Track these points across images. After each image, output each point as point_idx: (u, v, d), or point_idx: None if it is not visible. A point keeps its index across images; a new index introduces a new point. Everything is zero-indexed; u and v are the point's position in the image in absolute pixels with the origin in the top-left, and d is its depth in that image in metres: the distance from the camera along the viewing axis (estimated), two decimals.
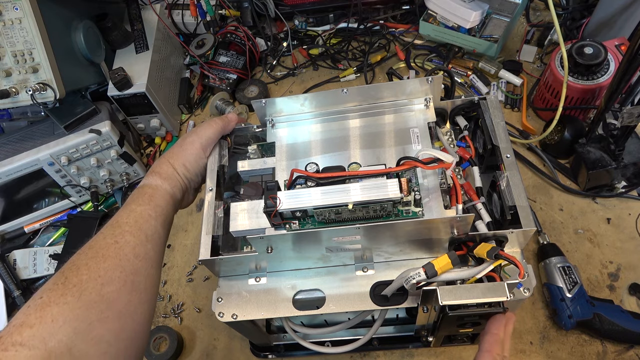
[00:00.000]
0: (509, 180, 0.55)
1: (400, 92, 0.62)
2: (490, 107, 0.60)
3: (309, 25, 1.13)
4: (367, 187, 0.51)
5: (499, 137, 0.58)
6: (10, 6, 0.75)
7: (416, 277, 0.49)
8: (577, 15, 0.97)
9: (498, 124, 0.59)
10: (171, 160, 0.58)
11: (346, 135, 0.62)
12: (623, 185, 0.81)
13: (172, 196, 0.56)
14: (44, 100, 0.78)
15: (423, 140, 0.59)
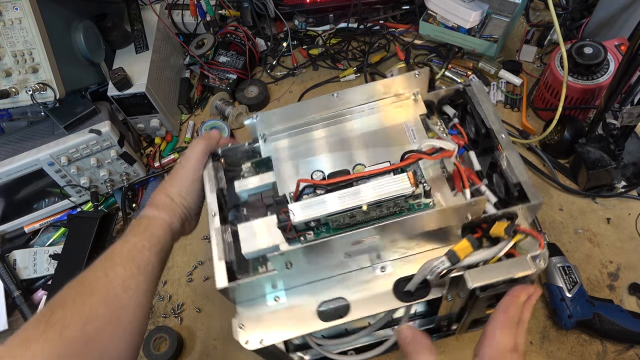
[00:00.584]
0: (509, 159, 0.55)
1: (389, 89, 0.63)
2: (477, 92, 0.61)
3: (308, 25, 1.13)
4: (378, 186, 0.52)
5: (490, 119, 0.58)
6: (10, 6, 0.75)
7: (440, 265, 0.48)
8: (577, 15, 0.97)
9: (487, 107, 0.59)
10: (166, 190, 0.57)
11: (343, 139, 0.62)
12: (623, 185, 0.81)
13: (170, 225, 0.55)
14: (44, 100, 0.78)
15: (418, 134, 0.60)
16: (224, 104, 1.01)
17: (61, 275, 0.82)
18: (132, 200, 0.94)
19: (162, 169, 0.96)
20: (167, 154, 0.99)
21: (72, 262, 0.82)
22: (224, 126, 0.98)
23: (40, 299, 0.85)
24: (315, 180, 0.55)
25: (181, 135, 1.03)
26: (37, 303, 0.85)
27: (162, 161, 0.98)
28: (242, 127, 1.01)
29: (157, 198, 0.57)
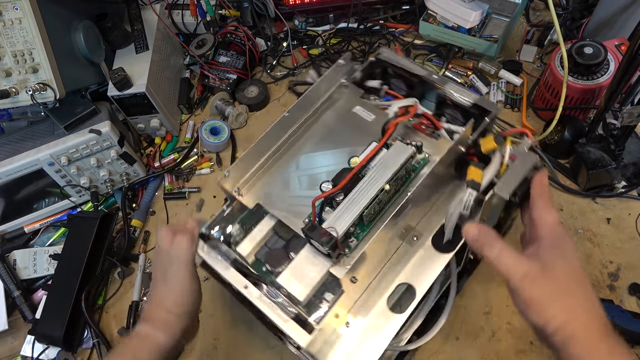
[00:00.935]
0: (452, 90, 0.61)
1: (324, 88, 0.65)
2: (389, 55, 0.65)
3: (309, 25, 1.13)
4: (384, 164, 0.54)
5: (415, 69, 0.63)
6: (10, 6, 0.75)
7: (470, 198, 0.50)
8: (577, 15, 0.97)
9: (405, 62, 0.64)
10: (161, 301, 0.53)
11: (318, 146, 0.62)
12: (623, 185, 0.81)
13: (163, 346, 0.51)
14: (44, 100, 0.78)
15: (372, 111, 0.63)
16: (224, 104, 1.01)
17: (61, 275, 0.82)
18: (132, 200, 0.94)
19: (162, 169, 0.96)
20: (167, 154, 0.99)
21: (72, 262, 0.82)
22: (225, 127, 0.98)
23: (40, 299, 0.85)
24: (328, 191, 0.54)
25: (181, 135, 1.03)
26: (37, 303, 0.85)
27: (162, 161, 0.98)
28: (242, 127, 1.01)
29: (153, 312, 0.53)
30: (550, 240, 0.46)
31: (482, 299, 0.75)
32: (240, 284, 0.53)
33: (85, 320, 0.80)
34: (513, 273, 0.43)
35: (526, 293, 0.42)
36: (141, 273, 0.85)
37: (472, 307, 0.74)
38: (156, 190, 0.96)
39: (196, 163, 0.98)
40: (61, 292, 0.81)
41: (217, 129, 0.98)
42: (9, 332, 0.83)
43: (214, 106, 1.01)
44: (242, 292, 0.52)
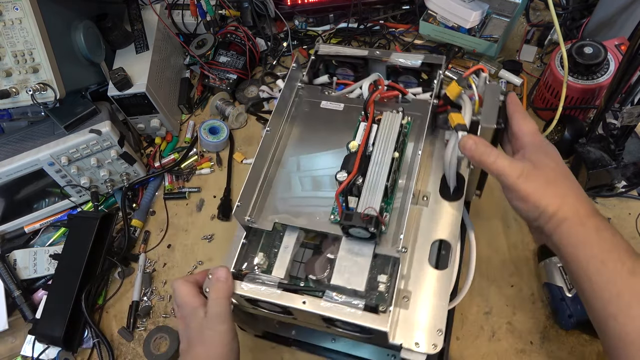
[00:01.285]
0: (397, 58, 0.65)
1: (287, 95, 0.67)
2: (322, 47, 0.67)
3: (309, 25, 1.13)
4: (385, 135, 0.57)
5: (356, 53, 0.65)
6: (10, 6, 0.75)
7: (460, 138, 0.53)
8: (577, 15, 0.97)
9: (340, 49, 0.66)
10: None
11: (308, 149, 0.63)
12: (623, 185, 0.81)
13: None
14: (44, 100, 0.78)
15: (338, 101, 0.66)
16: (224, 104, 1.01)
17: (61, 275, 0.82)
18: (132, 200, 0.94)
19: (162, 168, 0.96)
20: (167, 154, 0.99)
21: (72, 262, 0.82)
22: (224, 126, 0.98)
23: (40, 299, 0.85)
24: (345, 180, 0.54)
25: (181, 135, 1.03)
26: (37, 303, 0.85)
27: (162, 161, 0.98)
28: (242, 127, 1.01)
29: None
30: (533, 145, 0.52)
31: (482, 299, 0.75)
32: (298, 302, 0.50)
33: (86, 320, 0.80)
34: (509, 172, 0.49)
35: (522, 188, 0.48)
36: (141, 273, 0.85)
37: (472, 307, 0.74)
38: (156, 190, 0.96)
39: (196, 163, 0.98)
40: (61, 292, 0.81)
41: (216, 128, 0.98)
42: (9, 332, 0.84)
43: (214, 106, 1.01)
44: (305, 309, 0.49)
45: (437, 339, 0.50)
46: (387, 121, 0.59)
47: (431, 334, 0.51)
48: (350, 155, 0.57)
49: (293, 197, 0.59)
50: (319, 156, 0.62)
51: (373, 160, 0.55)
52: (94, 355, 0.80)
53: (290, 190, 0.60)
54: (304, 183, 0.60)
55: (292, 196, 0.59)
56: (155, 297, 0.84)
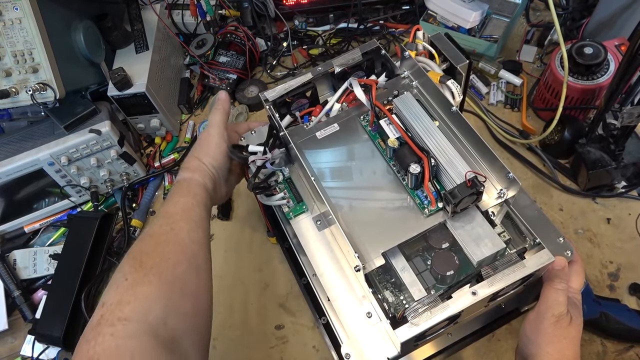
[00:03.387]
0: (337, 60, 0.66)
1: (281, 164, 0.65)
2: (268, 93, 0.65)
3: (309, 25, 1.13)
4: (414, 116, 0.58)
5: (294, 85, 0.65)
6: (10, 6, 0.75)
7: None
8: (577, 15, 0.97)
9: (281, 89, 0.64)
10: (195, 154, 0.62)
11: (346, 181, 0.60)
12: (623, 185, 0.81)
13: (204, 186, 0.59)
14: (44, 100, 0.78)
15: (327, 124, 0.64)
16: None
17: (61, 275, 0.82)
18: (132, 200, 0.94)
19: (162, 168, 0.96)
20: (167, 154, 0.99)
21: (72, 262, 0.82)
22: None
23: (40, 299, 0.85)
24: (424, 166, 0.54)
25: (181, 135, 1.03)
26: (37, 303, 0.85)
27: (162, 161, 0.98)
28: None
29: (188, 162, 0.61)
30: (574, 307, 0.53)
31: None
32: (468, 296, 0.49)
33: (86, 320, 0.80)
34: (554, 307, 0.51)
35: (545, 329, 0.51)
36: None
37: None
38: (156, 190, 0.96)
39: None
40: (61, 292, 0.81)
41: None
42: (9, 332, 0.84)
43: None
44: (478, 299, 0.48)
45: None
46: (402, 104, 0.59)
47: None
48: (399, 150, 0.56)
49: (369, 224, 0.55)
50: (357, 178, 0.59)
51: (426, 138, 0.55)
52: None
53: (363, 222, 0.55)
54: (367, 207, 0.57)
55: (368, 224, 0.55)
56: None
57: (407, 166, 0.54)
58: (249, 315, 0.78)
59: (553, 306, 0.51)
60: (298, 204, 0.62)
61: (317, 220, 0.61)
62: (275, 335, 0.76)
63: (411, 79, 0.65)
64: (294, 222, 0.61)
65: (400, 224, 0.54)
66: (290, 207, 0.62)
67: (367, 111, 0.64)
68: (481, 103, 0.95)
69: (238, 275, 0.82)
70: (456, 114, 0.58)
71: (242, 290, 0.81)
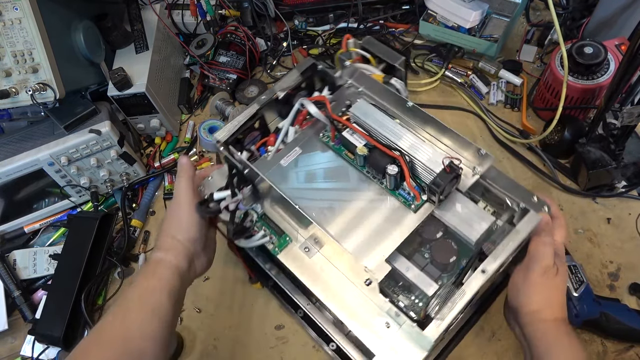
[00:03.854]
0: (279, 85, 0.66)
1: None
2: (217, 135, 0.63)
3: (309, 25, 1.13)
4: (369, 117, 0.59)
5: (242, 120, 0.64)
6: (10, 6, 0.75)
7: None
8: (577, 15, 0.97)
9: (232, 127, 0.63)
10: (168, 231, 0.58)
11: (332, 206, 0.58)
12: (623, 185, 0.81)
13: (177, 266, 0.56)
14: (44, 100, 0.78)
15: (290, 149, 0.63)
16: (224, 104, 1.01)
17: (61, 275, 0.82)
18: (132, 200, 0.94)
19: (162, 169, 0.96)
20: (167, 154, 0.99)
21: (72, 262, 0.82)
22: (223, 125, 0.98)
23: (40, 299, 0.85)
24: (402, 166, 0.54)
25: (181, 135, 1.03)
26: (37, 303, 0.85)
27: (162, 161, 0.98)
28: None
29: (161, 240, 0.58)
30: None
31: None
32: (479, 272, 0.51)
33: (85, 321, 0.80)
34: (541, 260, 0.53)
35: (531, 278, 0.54)
36: None
37: None
38: (156, 190, 0.96)
39: (196, 163, 0.98)
40: (61, 292, 0.80)
41: (216, 128, 0.98)
42: (9, 332, 0.84)
43: (214, 106, 1.01)
44: (489, 274, 0.50)
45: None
46: (360, 111, 0.59)
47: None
48: (370, 156, 0.57)
49: (362, 235, 0.55)
50: (335, 194, 0.58)
51: (393, 138, 0.56)
52: None
53: (355, 234, 0.55)
54: (353, 219, 0.56)
55: (361, 235, 0.55)
56: None
57: (384, 169, 0.55)
58: (249, 315, 0.79)
59: (541, 259, 0.53)
60: (280, 237, 0.60)
61: (305, 248, 0.60)
62: (275, 335, 0.76)
63: (356, 86, 0.66)
64: (282, 257, 0.60)
65: (392, 226, 0.54)
66: (274, 242, 0.60)
67: (324, 127, 0.63)
68: (481, 103, 0.95)
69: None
70: (413, 108, 0.60)
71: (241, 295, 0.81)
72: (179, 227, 0.58)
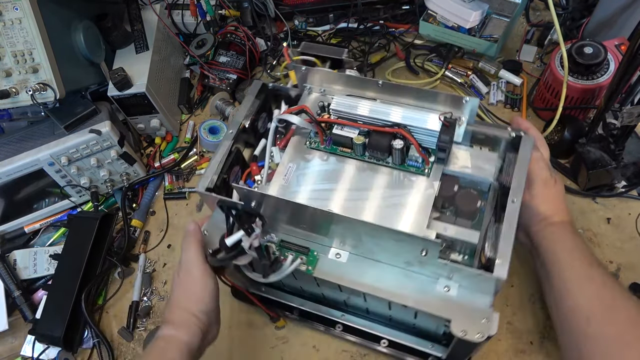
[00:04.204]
0: (240, 112, 0.66)
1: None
2: (198, 187, 0.61)
3: (309, 25, 1.13)
4: (348, 105, 0.61)
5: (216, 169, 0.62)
6: (10, 6, 0.75)
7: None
8: (577, 15, 0.97)
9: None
10: (179, 303, 0.54)
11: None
12: (623, 185, 0.81)
13: (188, 345, 0.52)
14: (44, 101, 0.78)
15: (282, 165, 0.63)
16: (224, 104, 1.01)
17: (61, 275, 0.82)
18: (132, 200, 0.94)
19: (162, 169, 0.96)
20: (167, 154, 0.99)
21: (72, 262, 0.82)
22: (224, 126, 0.98)
23: (40, 299, 0.85)
24: (409, 138, 0.57)
25: (181, 135, 1.03)
26: (37, 303, 0.85)
27: (162, 161, 0.98)
28: None
29: (172, 313, 0.54)
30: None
31: None
32: (510, 202, 0.53)
33: (85, 320, 0.80)
34: (539, 173, 0.61)
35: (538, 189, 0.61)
36: (141, 273, 0.85)
37: None
38: (156, 190, 0.96)
39: (196, 163, 0.98)
40: (61, 292, 0.81)
41: (216, 128, 0.98)
42: (9, 332, 0.84)
43: (214, 106, 1.01)
44: (519, 201, 0.53)
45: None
46: (341, 106, 0.60)
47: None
48: (370, 141, 0.58)
49: (392, 215, 0.57)
50: (349, 191, 0.59)
51: (384, 117, 0.58)
52: (94, 355, 0.80)
53: (388, 218, 0.56)
54: (378, 205, 0.57)
55: (392, 216, 0.57)
56: (155, 297, 0.84)
57: (389, 147, 0.57)
58: (250, 315, 0.79)
59: (539, 173, 0.60)
60: (308, 255, 0.58)
61: (336, 254, 0.58)
62: (276, 335, 0.76)
63: (318, 88, 0.66)
64: (317, 273, 0.57)
65: (415, 196, 0.57)
66: (304, 262, 0.58)
67: (307, 136, 0.63)
68: (481, 103, 0.95)
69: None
70: (384, 84, 0.61)
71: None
72: (192, 299, 0.54)
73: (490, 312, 0.52)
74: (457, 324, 0.51)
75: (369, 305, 0.65)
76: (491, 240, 0.54)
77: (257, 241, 0.55)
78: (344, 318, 0.71)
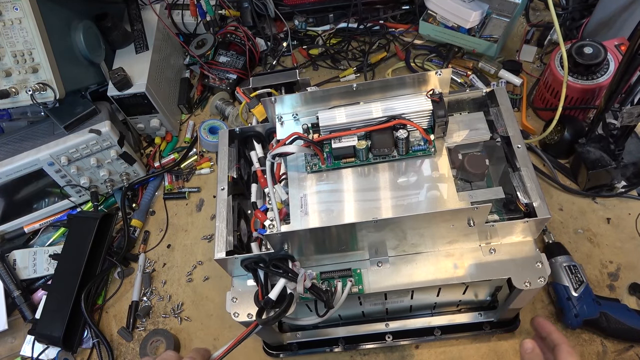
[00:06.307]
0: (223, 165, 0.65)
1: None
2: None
3: (308, 25, 1.13)
4: (344, 113, 0.61)
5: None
6: (10, 6, 0.75)
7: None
8: (577, 15, 0.97)
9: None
10: None
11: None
12: (623, 185, 0.81)
13: None
14: (44, 100, 0.78)
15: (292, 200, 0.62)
16: (224, 104, 1.01)
17: (61, 275, 0.82)
18: (132, 200, 0.94)
19: (162, 168, 0.96)
20: (167, 154, 0.99)
21: (72, 262, 0.82)
22: (224, 126, 0.98)
23: (40, 299, 0.85)
24: (414, 125, 0.59)
25: (181, 135, 1.03)
26: (37, 303, 0.85)
27: (162, 161, 0.98)
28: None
29: None
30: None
31: None
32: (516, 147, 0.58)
33: (85, 320, 0.80)
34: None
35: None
36: (141, 273, 0.85)
37: None
38: (156, 190, 0.96)
39: (196, 163, 0.98)
40: (61, 292, 0.81)
41: (216, 128, 0.98)
42: (8, 332, 0.84)
43: (214, 106, 1.01)
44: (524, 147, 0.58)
45: None
46: (328, 120, 0.60)
47: None
48: (374, 139, 0.59)
49: (425, 195, 0.58)
50: (369, 200, 0.58)
51: (377, 114, 0.59)
52: (94, 355, 0.80)
53: (422, 197, 0.57)
54: (408, 190, 0.58)
55: (426, 196, 0.58)
56: (154, 297, 0.84)
57: (394, 139, 0.58)
58: None
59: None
60: (353, 275, 0.57)
61: (377, 263, 0.57)
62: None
63: (290, 115, 0.65)
64: (368, 289, 0.56)
65: (432, 177, 0.58)
66: (353, 282, 0.57)
67: (302, 163, 0.62)
68: None
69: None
70: (359, 86, 0.62)
71: None
72: None
73: (538, 254, 0.54)
74: (518, 278, 0.53)
75: (415, 301, 0.65)
76: (521, 188, 0.56)
77: (309, 281, 0.52)
78: (390, 326, 0.71)
